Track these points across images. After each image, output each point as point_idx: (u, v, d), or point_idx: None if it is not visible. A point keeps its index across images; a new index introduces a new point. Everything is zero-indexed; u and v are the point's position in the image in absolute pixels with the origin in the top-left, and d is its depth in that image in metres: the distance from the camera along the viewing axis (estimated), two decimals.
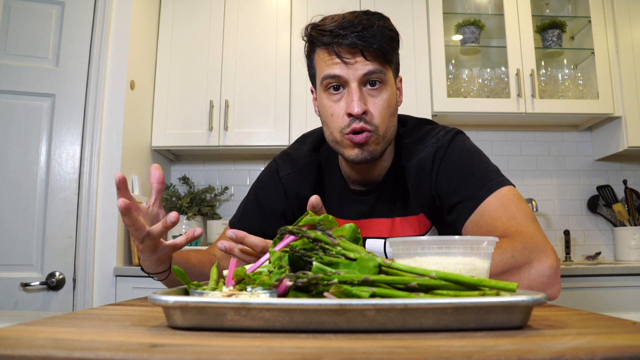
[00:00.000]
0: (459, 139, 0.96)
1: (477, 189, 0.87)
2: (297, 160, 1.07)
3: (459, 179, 0.90)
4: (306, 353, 0.37)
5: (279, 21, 2.35)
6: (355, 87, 0.88)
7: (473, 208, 0.86)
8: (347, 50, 0.87)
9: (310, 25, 0.92)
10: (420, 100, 2.27)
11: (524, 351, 0.36)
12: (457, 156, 0.92)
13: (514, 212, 0.83)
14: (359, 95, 0.87)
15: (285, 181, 1.06)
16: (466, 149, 0.94)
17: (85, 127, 1.93)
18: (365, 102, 0.88)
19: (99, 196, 1.93)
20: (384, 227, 1.01)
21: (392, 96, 0.92)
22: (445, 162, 0.93)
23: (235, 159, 2.61)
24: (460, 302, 0.44)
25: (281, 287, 0.51)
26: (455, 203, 0.89)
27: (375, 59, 0.87)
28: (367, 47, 0.86)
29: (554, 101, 2.30)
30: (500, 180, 0.88)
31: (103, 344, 0.40)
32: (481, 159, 0.93)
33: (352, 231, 0.64)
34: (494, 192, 0.86)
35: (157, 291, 0.49)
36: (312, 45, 0.93)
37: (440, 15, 2.34)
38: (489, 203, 0.85)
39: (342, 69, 0.88)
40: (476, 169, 0.90)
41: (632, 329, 0.45)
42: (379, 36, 0.86)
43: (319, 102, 0.96)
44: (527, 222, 0.82)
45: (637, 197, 2.43)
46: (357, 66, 0.87)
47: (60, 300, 1.82)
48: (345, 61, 0.87)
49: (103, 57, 1.99)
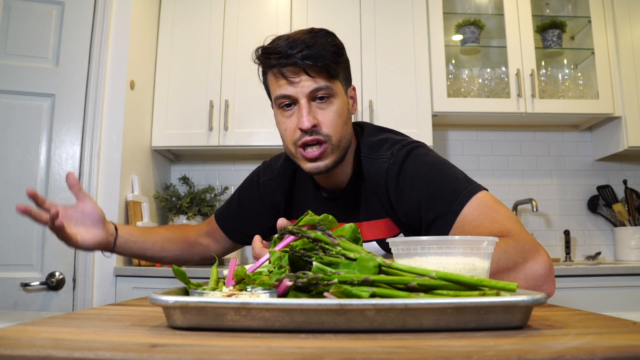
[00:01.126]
0: (416, 154, 0.95)
1: (450, 203, 0.86)
2: (274, 168, 1.14)
3: (428, 196, 0.89)
4: (306, 353, 0.37)
5: (279, 21, 2.35)
6: (305, 103, 0.91)
7: (451, 223, 0.85)
8: (291, 71, 0.91)
9: (260, 48, 0.96)
10: (420, 100, 2.27)
11: (524, 351, 0.36)
12: (420, 172, 0.91)
13: (495, 216, 0.83)
14: (307, 110, 0.91)
15: (263, 187, 1.15)
16: (428, 162, 0.93)
17: (85, 127, 1.93)
18: (315, 115, 0.92)
19: (99, 196, 1.93)
20: None
21: (342, 106, 0.95)
22: (406, 180, 0.92)
23: (235, 159, 2.61)
24: (460, 302, 0.44)
25: (281, 287, 0.51)
26: (432, 220, 0.88)
27: (320, 75, 0.91)
28: (311, 66, 0.89)
29: (554, 101, 2.30)
30: (471, 188, 0.87)
31: (103, 344, 0.40)
32: (446, 169, 0.92)
33: (352, 231, 0.64)
34: (468, 201, 0.85)
35: (157, 291, 0.49)
36: (262, 68, 0.99)
37: (440, 15, 2.34)
38: (466, 214, 0.84)
39: (289, 89, 0.92)
40: (444, 181, 0.89)
41: (632, 329, 0.45)
42: (321, 53, 0.89)
43: (275, 119, 1.00)
44: (510, 223, 0.82)
45: (637, 197, 2.43)
46: (302, 84, 0.91)
47: (60, 300, 1.82)
48: (291, 81, 0.91)
49: (103, 57, 1.99)
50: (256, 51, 0.97)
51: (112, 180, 1.96)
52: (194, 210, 2.33)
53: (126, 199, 2.03)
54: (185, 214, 2.32)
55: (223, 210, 1.24)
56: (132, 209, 2.03)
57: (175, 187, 2.47)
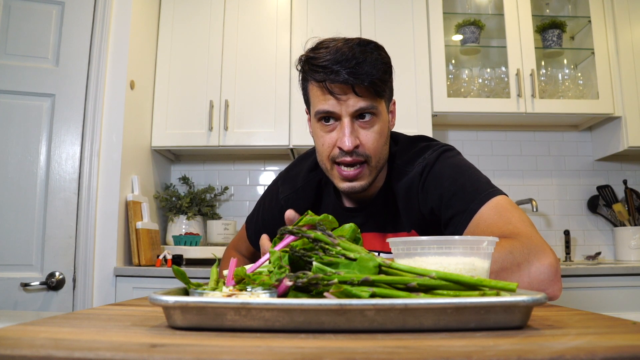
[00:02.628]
0: (446, 156, 0.97)
1: (469, 202, 0.88)
2: (296, 181, 1.11)
3: (450, 194, 0.91)
4: (306, 353, 0.37)
5: (279, 21, 2.35)
6: (347, 121, 0.89)
7: (467, 220, 0.87)
8: (339, 87, 0.88)
9: (305, 57, 0.92)
10: (420, 100, 2.27)
11: (524, 351, 0.36)
12: (445, 172, 0.93)
13: (509, 218, 0.84)
14: (350, 129, 0.89)
15: (284, 202, 1.11)
16: (455, 164, 0.95)
17: (85, 127, 1.93)
18: (357, 135, 0.90)
19: (99, 196, 1.93)
20: (376, 241, 1.03)
21: (384, 126, 0.94)
22: (432, 178, 0.94)
23: (235, 159, 2.61)
24: (460, 302, 0.44)
25: (281, 287, 0.51)
26: (450, 217, 0.90)
27: (367, 94, 0.89)
28: (359, 85, 0.87)
29: (554, 101, 2.30)
30: (492, 190, 0.89)
31: (103, 344, 0.40)
32: (471, 172, 0.94)
33: (352, 231, 0.64)
34: (486, 202, 0.86)
35: (157, 291, 0.49)
36: (305, 78, 0.95)
37: (440, 15, 2.34)
38: (483, 213, 0.86)
39: (334, 105, 0.89)
40: (467, 182, 0.91)
41: (632, 329, 0.45)
42: (371, 71, 0.87)
43: (313, 129, 0.97)
44: (523, 225, 0.82)
45: (637, 197, 2.43)
46: (349, 102, 0.88)
47: (60, 300, 1.82)
48: (337, 97, 0.88)
49: (103, 57, 1.99)
50: (300, 59, 0.93)
51: (112, 180, 1.96)
52: (194, 210, 2.33)
53: (126, 199, 2.03)
54: (185, 214, 2.32)
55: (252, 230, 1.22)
56: (132, 209, 2.03)
57: (175, 187, 2.47)
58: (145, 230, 2.05)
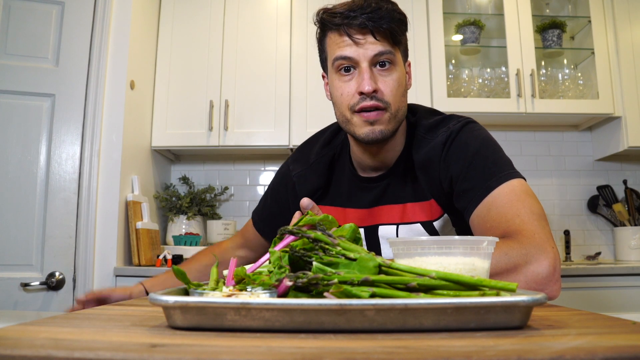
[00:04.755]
0: (470, 127, 0.96)
1: (487, 178, 0.87)
2: (308, 158, 1.09)
3: (469, 165, 0.90)
4: (306, 353, 0.37)
5: (279, 21, 2.35)
6: (366, 66, 0.89)
7: (481, 198, 0.86)
8: (357, 31, 0.89)
9: (322, 10, 0.93)
10: (420, 100, 2.27)
11: (524, 351, 0.36)
12: (469, 142, 0.92)
13: (520, 209, 0.83)
14: (369, 74, 0.89)
15: (297, 179, 1.09)
16: (479, 136, 0.94)
17: (85, 127, 1.93)
18: (376, 81, 0.90)
19: (99, 196, 1.93)
20: (395, 213, 1.01)
21: (402, 77, 0.94)
22: (455, 147, 0.93)
23: (235, 159, 2.61)
24: (460, 302, 0.44)
25: (281, 287, 0.51)
26: (464, 190, 0.89)
27: (385, 39, 0.89)
28: (377, 28, 0.88)
29: (554, 101, 2.30)
30: (512, 172, 0.88)
31: (103, 344, 0.40)
32: (495, 148, 0.93)
33: (352, 231, 0.64)
34: (504, 183, 0.85)
35: (157, 291, 0.49)
36: (324, 29, 0.95)
37: (440, 15, 2.34)
38: (497, 195, 0.85)
39: (352, 50, 0.89)
40: (489, 156, 0.90)
41: (632, 329, 0.45)
42: (387, 18, 0.88)
43: (330, 84, 0.97)
44: (530, 220, 0.81)
45: (637, 197, 2.43)
46: (367, 46, 0.89)
47: (60, 300, 1.82)
48: (356, 41, 0.89)
49: (103, 57, 1.99)
50: (317, 13, 0.94)
51: (112, 180, 1.96)
52: (194, 210, 2.33)
53: (126, 199, 2.03)
54: (185, 214, 2.32)
55: (259, 214, 1.20)
56: (132, 209, 2.03)
57: (175, 187, 2.47)
58: (145, 230, 2.05)
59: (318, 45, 0.99)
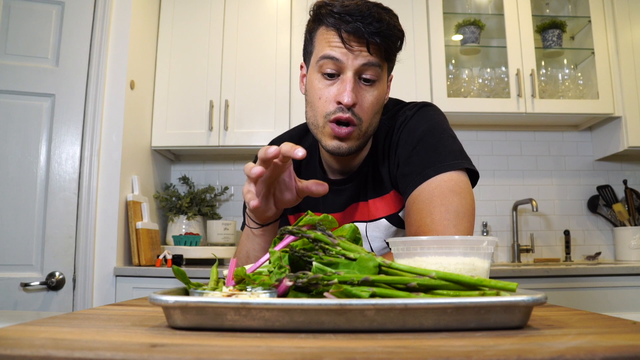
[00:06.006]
0: (424, 111, 0.95)
1: (426, 166, 0.86)
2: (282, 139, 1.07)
3: (412, 149, 0.89)
4: (306, 353, 0.37)
5: (279, 21, 2.35)
6: (351, 76, 0.86)
7: (417, 184, 0.86)
8: (352, 36, 0.85)
9: (322, 2, 0.90)
10: (420, 100, 2.26)
11: (524, 351, 0.36)
12: (417, 127, 0.92)
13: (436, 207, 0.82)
14: (352, 86, 0.86)
15: None
16: (430, 120, 0.93)
17: (85, 127, 1.93)
18: (357, 94, 0.88)
19: (99, 196, 1.93)
20: (365, 212, 1.01)
21: (381, 94, 0.92)
22: (405, 132, 0.92)
23: (235, 159, 2.61)
24: (460, 302, 0.44)
25: (281, 287, 0.51)
26: (403, 174, 0.89)
27: (377, 52, 0.87)
28: (372, 40, 0.85)
29: (554, 101, 2.30)
30: (452, 163, 0.86)
31: (103, 344, 0.40)
32: (444, 135, 0.91)
33: (352, 231, 0.64)
34: (442, 173, 0.85)
35: (157, 291, 0.49)
36: (318, 22, 0.91)
37: (440, 15, 2.34)
38: (430, 185, 0.84)
39: (342, 52, 0.86)
40: (434, 143, 0.89)
41: (632, 329, 0.45)
42: (386, 33, 0.86)
43: (309, 82, 0.93)
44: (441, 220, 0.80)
45: (637, 197, 2.43)
46: (357, 54, 0.86)
47: (60, 300, 1.82)
48: (348, 47, 0.86)
49: (103, 57, 1.99)
50: (315, 4, 0.91)
51: (112, 180, 1.96)
52: (194, 210, 2.33)
53: (126, 199, 2.03)
54: (185, 214, 2.32)
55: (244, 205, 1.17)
56: (132, 209, 2.03)
57: (175, 187, 2.47)
58: (145, 230, 2.05)
59: (306, 34, 0.95)
